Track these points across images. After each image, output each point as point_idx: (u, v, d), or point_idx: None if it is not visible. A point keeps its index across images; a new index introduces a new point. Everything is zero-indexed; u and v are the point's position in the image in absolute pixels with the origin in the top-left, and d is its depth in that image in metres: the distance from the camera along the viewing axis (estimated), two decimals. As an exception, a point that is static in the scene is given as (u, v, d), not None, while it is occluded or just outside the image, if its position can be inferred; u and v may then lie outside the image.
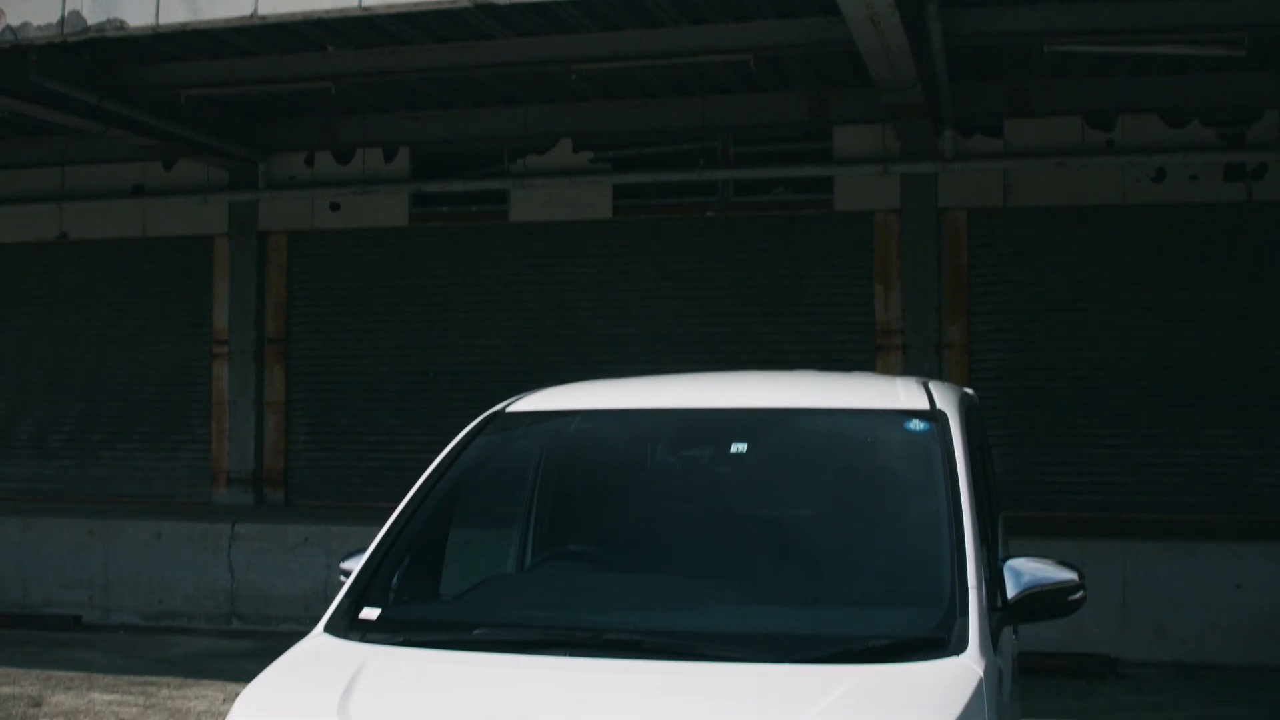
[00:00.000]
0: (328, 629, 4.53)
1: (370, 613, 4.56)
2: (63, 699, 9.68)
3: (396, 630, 4.46)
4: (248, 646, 11.65)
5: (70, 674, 10.60)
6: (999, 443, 11.33)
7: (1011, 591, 4.45)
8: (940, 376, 11.19)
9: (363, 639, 4.40)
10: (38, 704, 9.50)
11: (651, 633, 4.26)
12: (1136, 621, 10.83)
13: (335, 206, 14.04)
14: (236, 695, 4.15)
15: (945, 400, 5.20)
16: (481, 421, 5.41)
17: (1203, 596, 10.74)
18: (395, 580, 4.81)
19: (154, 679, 10.43)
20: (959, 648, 4.06)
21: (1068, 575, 4.50)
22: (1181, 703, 9.56)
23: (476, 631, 4.42)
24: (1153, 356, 12.10)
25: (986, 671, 3.98)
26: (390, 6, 8.93)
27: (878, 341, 12.54)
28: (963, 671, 3.94)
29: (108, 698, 9.74)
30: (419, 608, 4.89)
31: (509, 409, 5.51)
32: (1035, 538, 9.39)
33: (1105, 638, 10.79)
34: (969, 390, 6.38)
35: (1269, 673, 10.38)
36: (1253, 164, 11.96)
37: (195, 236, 14.47)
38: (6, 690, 9.94)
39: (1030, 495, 12.01)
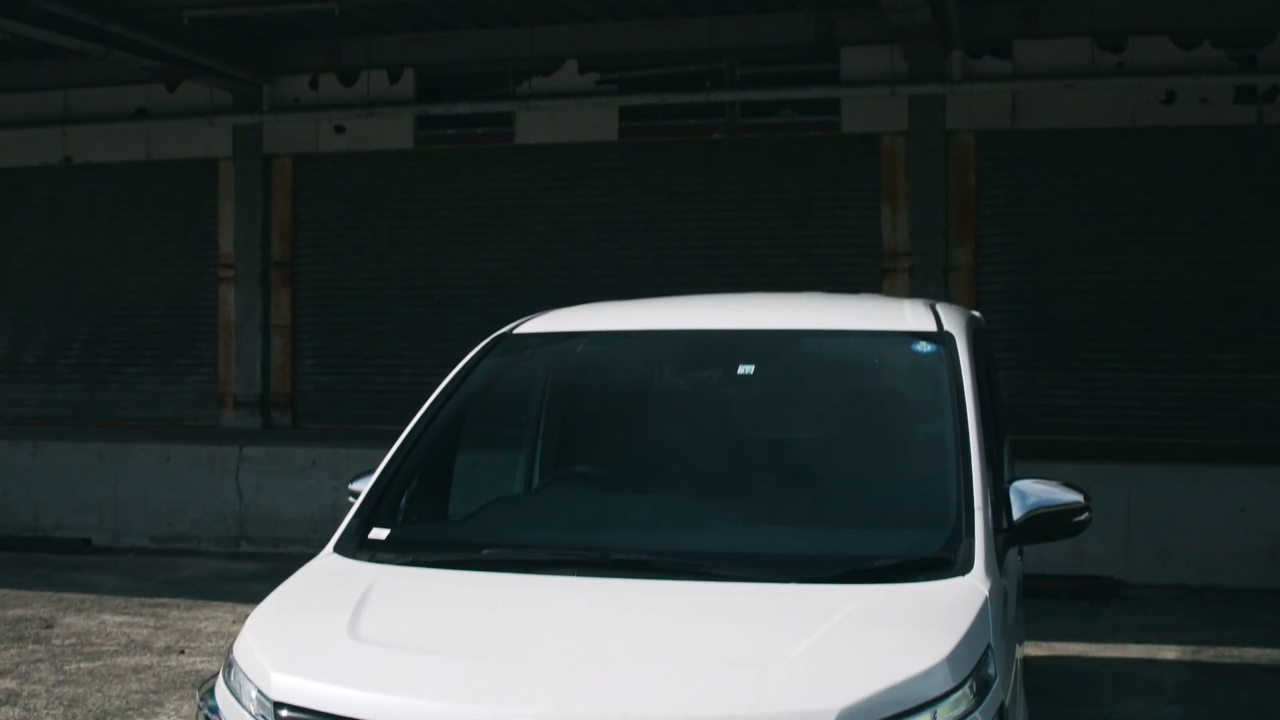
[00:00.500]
0: (337, 549, 4.57)
1: (379, 533, 4.59)
2: (74, 620, 9.77)
3: (405, 550, 4.49)
4: (256, 569, 11.73)
5: (81, 596, 10.69)
6: (1005, 366, 11.33)
7: (1017, 513, 4.47)
8: (947, 300, 11.16)
9: (372, 559, 4.44)
10: (49, 625, 9.59)
11: (659, 553, 4.29)
12: (1140, 544, 10.88)
13: (340, 129, 13.96)
14: (246, 616, 4.18)
15: (953, 322, 5.20)
16: (489, 343, 5.42)
17: (1206, 520, 10.79)
18: (404, 501, 4.85)
19: (164, 601, 10.52)
20: (965, 568, 4.09)
21: (1073, 497, 4.52)
22: (1185, 624, 9.63)
23: (485, 551, 4.45)
24: (1160, 280, 12.06)
25: (992, 591, 4.02)
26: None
27: (884, 265, 12.51)
28: (968, 591, 3.97)
29: (119, 619, 9.83)
30: (427, 528, 4.93)
31: (516, 331, 5.52)
32: (1040, 461, 9.42)
33: (1109, 560, 10.86)
34: (976, 313, 6.38)
35: (1272, 595, 10.44)
36: (1264, 87, 11.86)
37: (199, 160, 14.41)
38: (19, 612, 10.03)
39: (1036, 419, 12.02)
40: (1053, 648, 8.94)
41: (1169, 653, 8.86)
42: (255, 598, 4.25)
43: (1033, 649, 8.72)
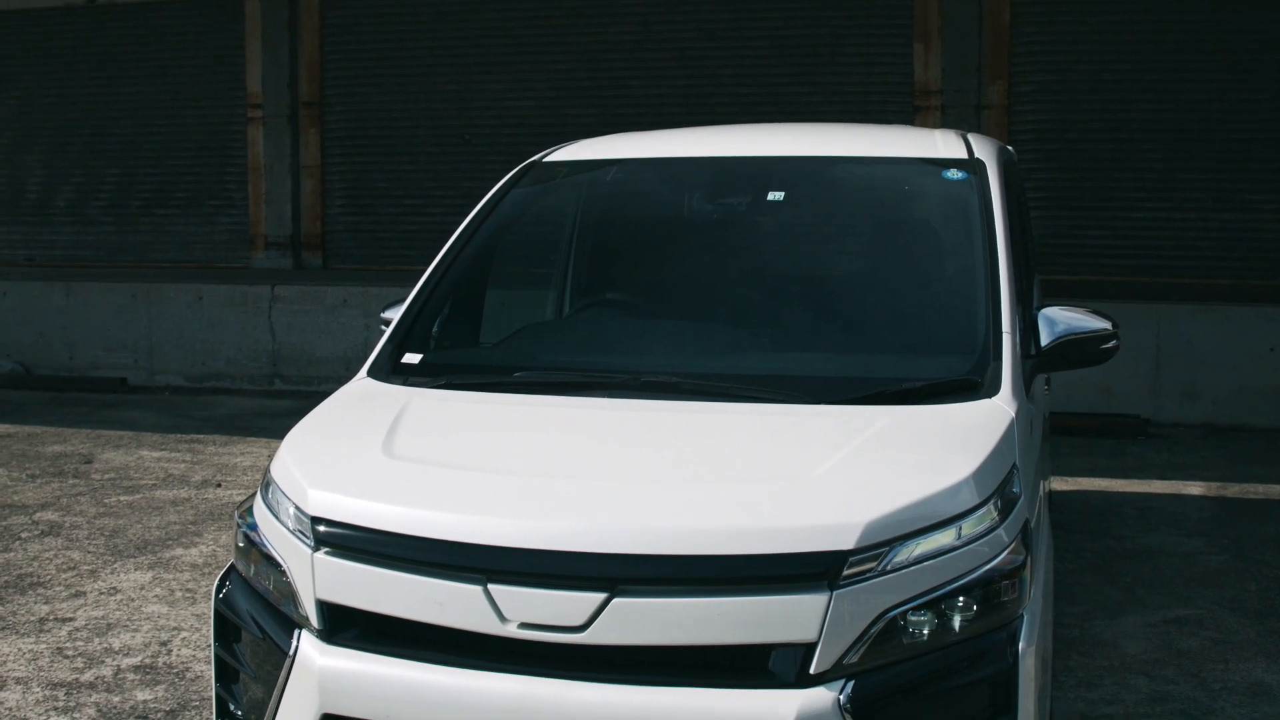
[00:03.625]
0: (371, 373, 4.63)
1: (412, 357, 4.64)
2: (113, 456, 9.93)
3: (438, 374, 4.55)
4: (290, 405, 11.86)
5: (119, 433, 10.85)
6: (1036, 205, 11.25)
7: (1045, 339, 4.48)
8: (979, 138, 11.04)
9: (405, 382, 4.49)
10: (89, 461, 9.75)
11: (689, 375, 4.33)
12: (1168, 383, 10.90)
13: (365, -35, 13.79)
14: (281, 451, 4.24)
15: (984, 151, 5.18)
16: (519, 172, 5.41)
17: (1234, 359, 10.79)
18: (435, 328, 4.89)
19: (200, 437, 10.67)
20: (992, 390, 4.11)
21: (1101, 324, 4.52)
22: (1209, 462, 9.68)
23: (516, 374, 4.50)
24: (1195, 118, 11.90)
25: (1018, 414, 4.04)
26: None
27: (916, 102, 12.37)
28: (995, 412, 4.00)
29: (156, 454, 9.98)
30: (459, 353, 4.98)
31: (546, 159, 5.51)
32: (1070, 299, 9.40)
33: (1136, 399, 10.89)
34: (1009, 147, 6.34)
35: (1298, 433, 10.50)
36: (1307, -82, 11.58)
37: (225, -2, 14.31)
38: (58, 448, 10.19)
39: (1067, 258, 11.97)
40: (1078, 483, 9.02)
41: (1193, 489, 8.93)
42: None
43: (1058, 484, 8.80)
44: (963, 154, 5.10)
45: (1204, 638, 6.09)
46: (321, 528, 3.65)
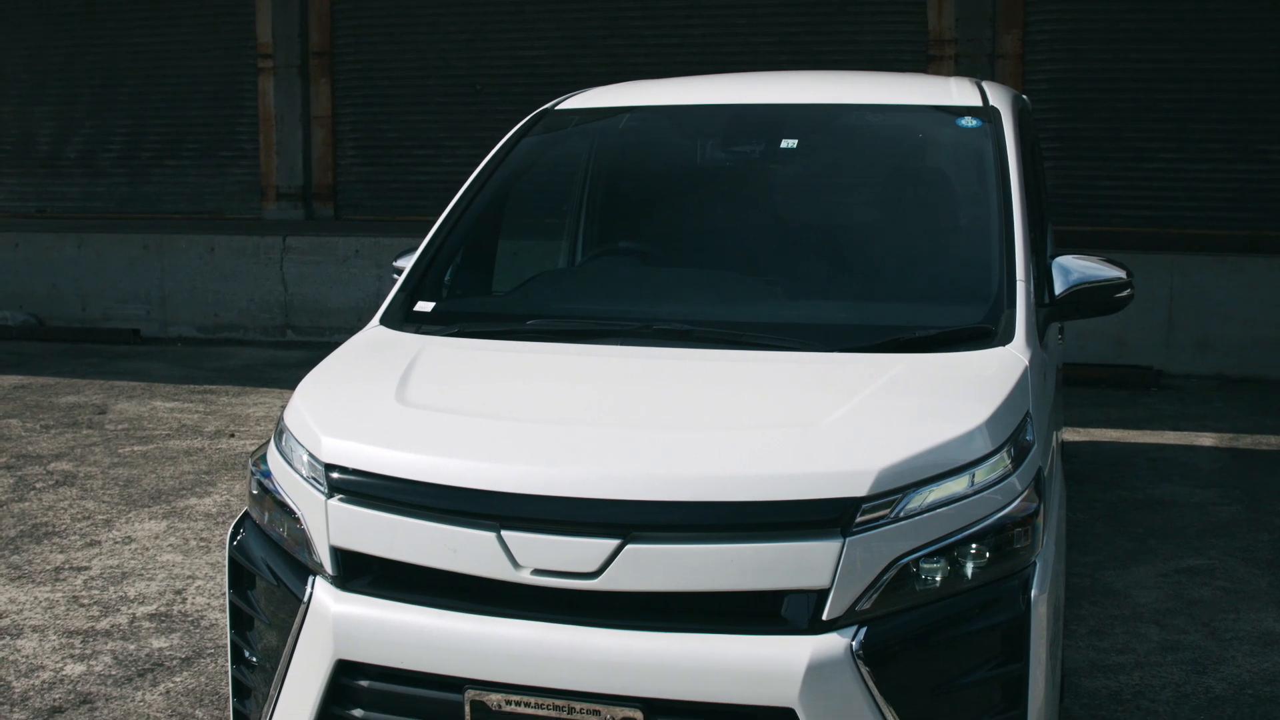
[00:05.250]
0: (383, 321, 4.63)
1: (425, 305, 4.63)
2: (126, 406, 9.96)
3: (451, 322, 4.54)
4: (302, 356, 11.87)
5: (132, 384, 10.87)
6: (1050, 156, 11.19)
7: (1059, 287, 4.45)
8: (993, 88, 10.95)
9: (418, 330, 4.49)
10: (103, 411, 9.78)
11: (701, 323, 4.31)
12: (1181, 334, 10.88)
13: (376, -87, 13.71)
14: (294, 402, 4.25)
15: (999, 99, 5.15)
16: (531, 119, 5.39)
17: (1248, 310, 10.76)
18: (448, 276, 4.88)
19: (213, 388, 10.70)
20: (1006, 338, 4.10)
21: (1116, 273, 4.49)
22: (1222, 413, 9.67)
23: (529, 322, 4.49)
24: (1210, 69, 11.81)
25: (1032, 362, 4.03)
26: None
27: (930, 51, 12.29)
28: (1009, 360, 3.98)
29: (169, 405, 10.01)
30: (472, 300, 4.97)
31: (558, 107, 5.49)
32: (1084, 249, 9.35)
33: (1149, 350, 10.87)
34: (1023, 95, 6.30)
35: (1311, 385, 10.47)
36: None
37: (235, -53, 14.23)
38: (72, 399, 10.22)
39: (1081, 209, 11.92)
40: (1091, 434, 9.02)
41: (1206, 440, 8.92)
42: (302, 385, 4.33)
43: (1071, 435, 8.80)
44: (977, 102, 5.07)
45: (1215, 588, 6.10)
46: (335, 474, 3.64)
